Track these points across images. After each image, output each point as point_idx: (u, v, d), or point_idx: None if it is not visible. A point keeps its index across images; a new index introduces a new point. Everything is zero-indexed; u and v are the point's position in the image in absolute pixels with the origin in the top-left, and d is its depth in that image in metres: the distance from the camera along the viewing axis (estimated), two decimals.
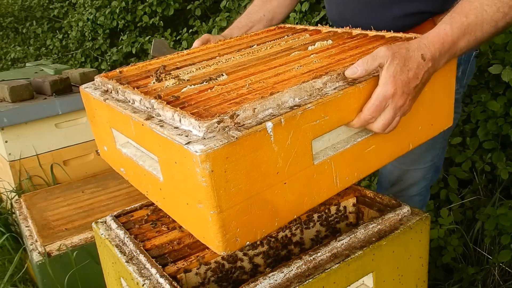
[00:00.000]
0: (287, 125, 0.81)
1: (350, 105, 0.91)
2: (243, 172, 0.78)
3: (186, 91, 0.93)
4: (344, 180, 0.97)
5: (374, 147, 0.99)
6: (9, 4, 5.88)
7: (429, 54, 0.92)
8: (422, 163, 1.42)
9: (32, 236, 1.79)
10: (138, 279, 0.95)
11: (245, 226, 0.82)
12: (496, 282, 1.83)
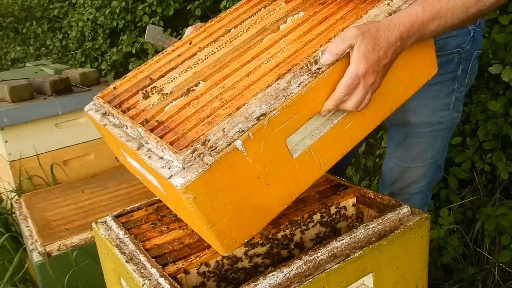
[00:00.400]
0: (256, 137, 0.86)
1: (317, 96, 0.93)
2: (224, 189, 0.85)
3: (168, 111, 1.00)
4: (328, 161, 1.01)
5: (353, 122, 1.02)
6: (9, 4, 5.88)
7: (399, 34, 0.94)
8: (422, 161, 1.42)
9: (32, 236, 1.79)
10: (138, 279, 0.95)
11: (240, 229, 0.91)
12: (496, 282, 1.83)
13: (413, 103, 1.31)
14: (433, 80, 1.22)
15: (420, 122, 1.37)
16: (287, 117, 0.89)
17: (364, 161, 2.52)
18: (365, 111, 1.00)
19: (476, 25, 1.31)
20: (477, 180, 2.03)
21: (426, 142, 1.38)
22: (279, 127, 0.89)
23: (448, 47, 1.30)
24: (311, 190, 1.26)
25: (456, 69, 1.33)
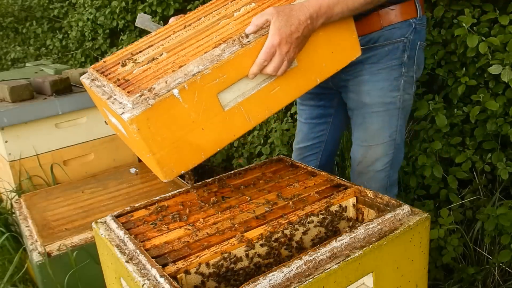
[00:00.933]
0: (190, 88, 1.10)
1: (243, 62, 1.16)
2: (163, 126, 1.09)
3: (135, 73, 1.24)
4: (257, 117, 1.23)
5: (279, 88, 1.24)
6: (9, 4, 5.88)
7: (308, 14, 1.17)
8: (381, 139, 1.57)
9: (32, 236, 1.79)
10: (138, 279, 0.95)
11: (177, 161, 1.13)
12: (496, 282, 1.83)
13: (366, 86, 1.53)
14: (383, 65, 1.50)
15: (374, 103, 1.54)
16: (217, 75, 1.13)
17: None
18: (290, 79, 1.24)
19: (417, 19, 1.51)
20: (477, 180, 2.03)
21: (382, 121, 1.55)
22: (211, 82, 1.13)
23: (393, 36, 1.50)
24: (311, 190, 1.26)
25: (402, 55, 1.51)
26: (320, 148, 1.84)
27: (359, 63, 1.52)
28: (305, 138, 1.85)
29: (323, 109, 1.78)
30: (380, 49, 1.51)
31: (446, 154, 2.02)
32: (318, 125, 1.81)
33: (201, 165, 3.42)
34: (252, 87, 1.21)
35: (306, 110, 1.81)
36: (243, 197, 1.27)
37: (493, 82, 1.83)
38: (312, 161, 1.86)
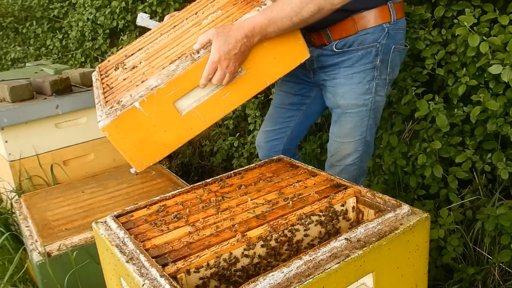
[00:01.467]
0: (149, 100, 1.36)
1: (194, 75, 1.37)
2: (130, 131, 1.37)
3: (119, 80, 1.54)
4: (211, 118, 1.45)
5: (230, 92, 1.44)
6: (9, 4, 5.87)
7: (244, 33, 1.35)
8: (352, 137, 1.71)
9: (32, 236, 1.79)
10: (138, 279, 0.95)
11: (145, 156, 1.41)
12: (496, 282, 1.83)
13: (341, 89, 1.66)
14: (356, 69, 1.62)
15: (348, 104, 1.66)
16: (171, 88, 1.36)
17: None
18: (240, 85, 1.44)
19: (391, 24, 1.59)
20: (477, 180, 2.03)
21: (354, 121, 1.68)
22: (167, 94, 1.37)
23: (366, 41, 1.59)
24: (311, 190, 1.26)
25: (374, 59, 1.61)
26: (286, 133, 1.97)
27: (335, 65, 1.66)
28: (273, 122, 1.98)
29: (299, 98, 1.90)
30: (354, 53, 1.61)
31: (446, 154, 2.02)
32: (289, 111, 1.93)
33: (201, 165, 3.43)
34: (206, 94, 1.42)
35: (282, 96, 1.93)
36: (243, 197, 1.27)
37: (494, 82, 1.83)
38: (277, 145, 1.99)
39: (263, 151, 2.03)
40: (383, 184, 2.30)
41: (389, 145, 2.28)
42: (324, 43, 1.64)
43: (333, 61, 1.65)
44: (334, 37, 1.61)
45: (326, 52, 1.65)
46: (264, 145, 2.01)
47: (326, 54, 1.66)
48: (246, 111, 3.12)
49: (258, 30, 1.36)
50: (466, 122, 2.04)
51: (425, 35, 2.04)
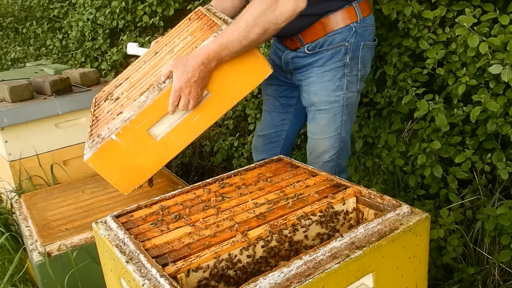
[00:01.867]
0: (124, 132, 1.46)
1: (162, 104, 1.47)
2: (111, 159, 1.48)
3: (104, 111, 1.70)
4: (186, 140, 1.54)
5: (199, 115, 1.53)
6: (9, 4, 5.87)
7: (200, 61, 1.43)
8: (328, 133, 1.79)
9: (32, 236, 1.79)
10: (138, 279, 0.95)
11: (129, 180, 1.52)
12: (496, 282, 1.83)
13: (314, 87, 1.74)
14: (327, 68, 1.70)
15: (321, 101, 1.75)
16: (143, 118, 1.46)
17: (364, 161, 2.52)
18: (207, 107, 1.53)
19: (358, 22, 1.68)
20: (477, 180, 2.03)
21: (328, 118, 1.76)
22: (139, 124, 1.47)
23: (335, 41, 1.68)
24: (311, 190, 1.26)
25: (344, 58, 1.70)
26: (282, 136, 2.06)
27: (308, 66, 1.75)
28: (268, 126, 2.06)
29: (285, 99, 1.98)
30: (325, 53, 1.70)
31: (445, 154, 2.02)
32: (281, 114, 2.02)
33: (201, 165, 3.43)
34: (177, 119, 1.52)
35: (270, 100, 2.02)
36: (243, 197, 1.27)
37: (494, 82, 1.83)
38: (274, 148, 2.08)
39: (261, 154, 2.11)
40: (383, 184, 2.30)
41: (387, 145, 2.28)
42: (297, 46, 1.76)
43: (306, 62, 1.75)
44: (306, 41, 1.72)
45: (300, 54, 1.76)
46: (262, 148, 2.09)
47: (300, 56, 1.76)
48: (246, 111, 3.12)
49: (213, 56, 1.44)
50: (466, 122, 2.04)
51: (429, 34, 2.04)
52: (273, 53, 1.96)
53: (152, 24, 3.85)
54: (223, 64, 1.48)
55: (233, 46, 1.44)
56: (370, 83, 2.48)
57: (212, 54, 1.44)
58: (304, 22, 1.66)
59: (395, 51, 2.28)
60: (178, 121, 1.51)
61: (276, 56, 1.92)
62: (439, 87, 2.22)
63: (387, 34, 2.41)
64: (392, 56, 2.27)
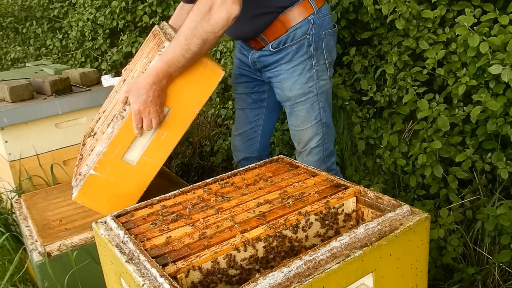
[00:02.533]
0: (100, 164, 1.54)
1: (128, 129, 1.53)
2: (96, 193, 1.57)
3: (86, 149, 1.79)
4: (161, 158, 1.60)
5: (166, 131, 1.58)
6: (9, 4, 5.87)
7: (151, 81, 1.48)
8: (309, 122, 1.85)
9: (32, 236, 1.79)
10: (138, 279, 0.95)
11: (119, 207, 1.45)
12: (496, 282, 1.83)
13: (287, 83, 1.80)
14: (295, 62, 1.76)
15: (296, 95, 1.81)
16: (113, 148, 1.54)
17: (364, 161, 2.52)
18: (172, 122, 1.58)
19: (315, 14, 1.74)
20: (477, 180, 2.03)
21: (306, 108, 1.83)
22: (111, 154, 1.54)
23: (296, 36, 1.74)
24: (311, 190, 1.26)
25: (308, 50, 1.76)
26: (258, 132, 2.11)
27: (276, 63, 1.81)
28: (243, 124, 2.10)
29: (256, 95, 2.03)
30: (290, 48, 1.76)
31: (446, 153, 2.02)
32: (254, 110, 2.06)
33: (201, 165, 3.43)
34: (147, 140, 1.57)
35: (243, 98, 2.06)
36: (243, 197, 1.27)
37: (494, 82, 1.83)
38: (253, 145, 2.13)
39: (241, 153, 2.16)
40: (383, 184, 2.30)
41: (389, 145, 2.28)
42: (262, 46, 1.81)
43: (273, 59, 1.80)
44: (269, 39, 1.77)
45: (265, 52, 1.81)
46: (241, 146, 2.14)
47: (266, 54, 1.82)
48: None
49: (162, 75, 1.48)
50: (466, 122, 2.04)
51: (429, 34, 2.04)
52: (239, 51, 2.00)
53: (152, 24, 3.84)
54: (175, 79, 1.53)
55: (178, 61, 1.48)
56: (370, 82, 2.48)
57: (161, 72, 1.48)
58: (263, 21, 1.73)
59: (395, 50, 2.28)
60: (149, 142, 1.57)
61: (243, 55, 1.96)
62: (439, 87, 2.22)
63: (387, 33, 2.41)
64: (392, 55, 2.27)
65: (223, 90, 3.27)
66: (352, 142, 2.62)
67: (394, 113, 2.43)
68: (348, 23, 2.58)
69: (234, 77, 2.07)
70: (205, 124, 3.62)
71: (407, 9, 2.07)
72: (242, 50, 1.96)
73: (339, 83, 2.58)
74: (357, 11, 2.48)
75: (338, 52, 2.65)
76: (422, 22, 2.09)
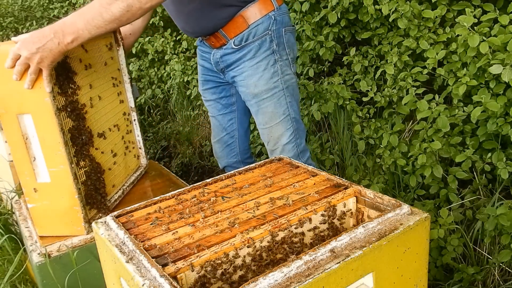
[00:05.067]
0: (28, 195, 1.62)
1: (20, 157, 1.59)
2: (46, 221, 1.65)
3: None
4: (60, 161, 1.54)
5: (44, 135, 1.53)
6: (9, 4, 5.88)
7: (53, 30, 1.36)
8: (277, 118, 1.83)
9: (32, 237, 1.79)
10: (138, 279, 0.95)
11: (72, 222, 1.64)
12: (496, 282, 1.83)
13: (252, 79, 1.78)
14: (258, 58, 1.75)
15: (262, 91, 1.79)
16: (24, 176, 1.62)
17: (364, 161, 2.52)
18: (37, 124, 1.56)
19: (275, 11, 1.75)
20: (477, 180, 2.03)
21: (273, 104, 1.81)
22: (28, 183, 1.62)
23: (258, 32, 1.74)
24: (311, 190, 1.26)
25: (271, 45, 1.76)
26: (235, 136, 2.10)
27: (239, 60, 1.78)
28: (219, 131, 2.10)
29: (225, 99, 2.03)
30: (252, 45, 1.75)
31: (446, 154, 2.02)
32: (226, 115, 2.06)
33: (201, 165, 3.43)
34: (40, 154, 1.58)
35: (212, 105, 2.06)
36: (243, 197, 1.27)
37: (494, 82, 1.83)
38: (233, 150, 2.12)
39: (223, 159, 2.17)
40: (383, 184, 2.30)
41: (389, 145, 2.28)
42: (223, 43, 1.80)
43: (236, 57, 1.79)
44: (230, 36, 1.76)
45: (227, 50, 1.79)
46: (222, 153, 2.15)
47: (228, 53, 1.80)
48: None
49: (71, 30, 1.37)
50: (466, 122, 2.05)
51: (429, 34, 2.04)
52: (200, 58, 1.99)
53: (152, 24, 3.84)
54: (75, 51, 1.49)
55: (93, 19, 1.37)
56: (370, 82, 2.48)
57: (69, 24, 1.37)
58: (225, 13, 1.71)
59: (395, 51, 2.28)
60: (42, 155, 1.57)
61: (204, 60, 1.96)
62: (439, 87, 2.22)
63: (387, 33, 2.41)
64: (392, 55, 2.27)
65: None
66: (352, 142, 2.62)
67: (394, 113, 2.43)
68: (348, 23, 2.59)
69: (201, 85, 2.06)
70: (205, 124, 3.62)
71: (409, 9, 2.07)
72: (203, 55, 1.95)
73: (339, 82, 2.58)
74: (357, 11, 2.48)
75: (338, 52, 2.65)
76: (423, 22, 2.10)
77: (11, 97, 1.48)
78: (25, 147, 1.55)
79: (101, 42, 1.84)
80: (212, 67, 1.92)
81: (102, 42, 1.84)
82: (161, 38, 3.77)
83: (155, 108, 4.13)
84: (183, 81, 3.66)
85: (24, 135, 1.54)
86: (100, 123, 1.81)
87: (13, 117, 1.51)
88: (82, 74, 1.69)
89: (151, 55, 3.85)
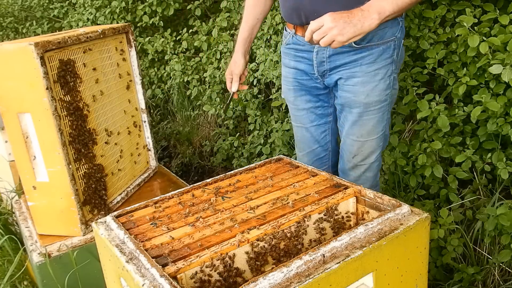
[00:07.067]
0: (29, 193, 1.68)
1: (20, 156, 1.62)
2: (46, 220, 1.69)
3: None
4: (57, 161, 1.56)
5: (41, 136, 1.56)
6: (9, 4, 5.87)
7: (377, 15, 1.31)
8: (375, 133, 1.66)
9: (32, 237, 1.79)
10: (138, 279, 0.95)
11: (69, 223, 1.66)
12: (496, 282, 1.83)
13: (365, 87, 1.57)
14: (378, 65, 1.55)
15: (372, 102, 1.59)
16: (24, 175, 1.67)
17: None
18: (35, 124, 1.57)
19: (403, 17, 1.58)
20: (477, 180, 2.03)
21: (377, 118, 1.63)
22: (28, 181, 1.65)
23: (386, 36, 1.54)
24: (311, 190, 1.26)
25: (393, 54, 1.58)
26: (329, 149, 1.83)
27: (354, 62, 1.55)
28: (310, 143, 1.81)
29: (321, 109, 1.76)
30: (375, 48, 1.54)
31: (446, 154, 2.02)
32: (321, 126, 1.79)
33: (201, 165, 3.43)
34: (40, 155, 1.60)
35: (305, 115, 1.77)
36: (243, 197, 1.27)
37: (494, 82, 1.83)
38: (325, 162, 1.85)
39: None
40: (383, 184, 2.30)
41: (389, 145, 2.28)
42: None
43: (352, 58, 1.55)
44: None
45: (343, 49, 1.54)
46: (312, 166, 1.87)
47: (342, 52, 1.55)
48: (246, 111, 3.12)
49: (388, 11, 1.34)
50: (466, 122, 2.04)
51: (429, 34, 2.04)
52: (292, 59, 1.71)
53: (152, 24, 3.84)
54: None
55: (403, 1, 1.34)
56: None
57: (388, 7, 1.33)
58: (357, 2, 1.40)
59: None
60: (41, 155, 1.58)
61: (298, 62, 1.68)
62: (439, 87, 2.22)
63: None
64: None
65: (223, 90, 3.26)
66: None
67: (394, 113, 2.43)
68: None
69: (291, 91, 1.76)
70: (205, 124, 3.62)
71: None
72: (298, 55, 1.67)
73: None
74: None
75: None
76: (423, 22, 2.09)
77: (12, 95, 1.48)
78: (25, 145, 1.54)
79: (112, 43, 1.83)
80: (311, 69, 1.65)
81: (113, 44, 1.83)
82: (161, 38, 3.76)
83: (155, 108, 4.13)
84: (183, 81, 3.66)
85: (24, 134, 1.54)
86: (106, 124, 1.79)
87: (14, 116, 1.51)
88: (86, 76, 1.68)
89: (151, 55, 3.85)
